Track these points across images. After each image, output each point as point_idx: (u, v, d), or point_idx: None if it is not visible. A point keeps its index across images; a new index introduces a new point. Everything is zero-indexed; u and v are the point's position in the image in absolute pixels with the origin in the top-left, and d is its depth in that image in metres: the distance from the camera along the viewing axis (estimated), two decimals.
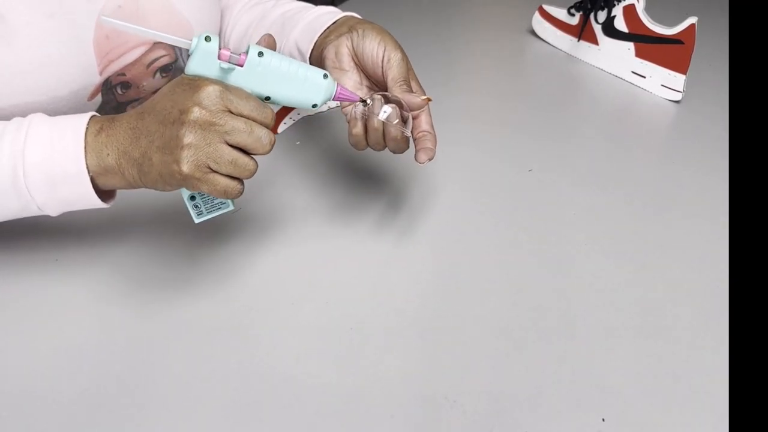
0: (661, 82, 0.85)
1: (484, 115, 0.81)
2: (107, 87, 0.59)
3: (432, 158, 0.52)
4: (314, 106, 0.48)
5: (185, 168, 0.43)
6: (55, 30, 0.52)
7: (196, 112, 0.42)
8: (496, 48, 0.98)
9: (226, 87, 0.44)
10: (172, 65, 0.64)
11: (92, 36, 0.56)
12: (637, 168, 0.71)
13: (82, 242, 0.57)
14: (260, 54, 0.45)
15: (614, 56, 0.89)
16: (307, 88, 0.47)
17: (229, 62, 0.44)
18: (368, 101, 0.50)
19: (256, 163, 0.46)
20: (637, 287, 0.56)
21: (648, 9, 0.84)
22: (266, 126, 0.45)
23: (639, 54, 0.86)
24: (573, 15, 0.93)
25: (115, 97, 0.61)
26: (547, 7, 0.98)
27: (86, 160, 0.45)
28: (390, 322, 0.52)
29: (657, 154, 0.75)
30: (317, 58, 0.57)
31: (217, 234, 0.59)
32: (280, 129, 0.75)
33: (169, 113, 0.43)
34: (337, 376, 0.47)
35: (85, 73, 0.56)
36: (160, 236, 0.58)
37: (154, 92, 0.66)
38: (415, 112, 0.53)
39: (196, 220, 0.49)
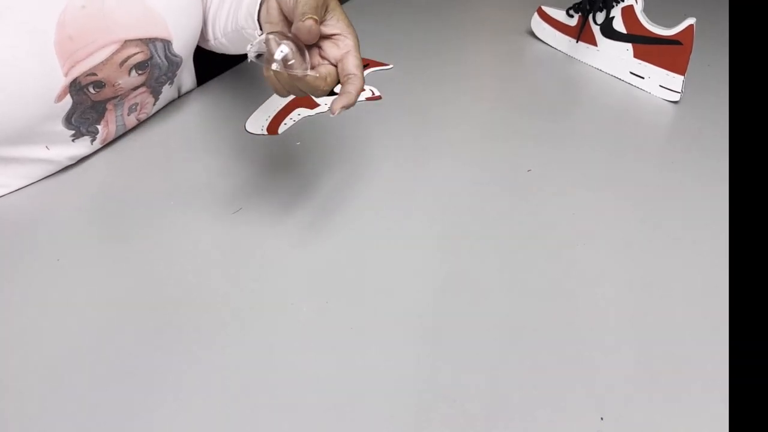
0: (660, 83, 0.85)
1: (483, 116, 0.81)
2: (77, 88, 0.59)
3: (348, 106, 0.48)
4: None
5: None
6: (9, 33, 0.52)
7: None
8: (495, 49, 0.98)
9: None
10: (148, 62, 0.64)
11: (53, 38, 0.55)
12: (635, 168, 0.72)
13: (82, 242, 0.57)
14: None
15: (613, 57, 0.89)
16: None
17: None
18: (252, 47, 0.46)
19: None
20: (637, 287, 0.56)
21: (646, 10, 0.85)
22: None
23: (637, 55, 0.86)
24: (572, 16, 0.94)
25: (88, 97, 0.61)
26: (545, 9, 0.98)
27: None
28: (390, 322, 0.52)
29: (655, 155, 0.75)
30: None
31: (217, 234, 0.59)
32: (280, 130, 0.75)
33: None
34: (336, 376, 0.47)
35: (48, 75, 0.55)
36: (159, 236, 0.59)
37: (134, 89, 0.66)
38: (338, 54, 0.49)
39: None
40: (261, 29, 0.56)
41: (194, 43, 0.70)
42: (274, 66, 0.46)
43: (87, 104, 0.61)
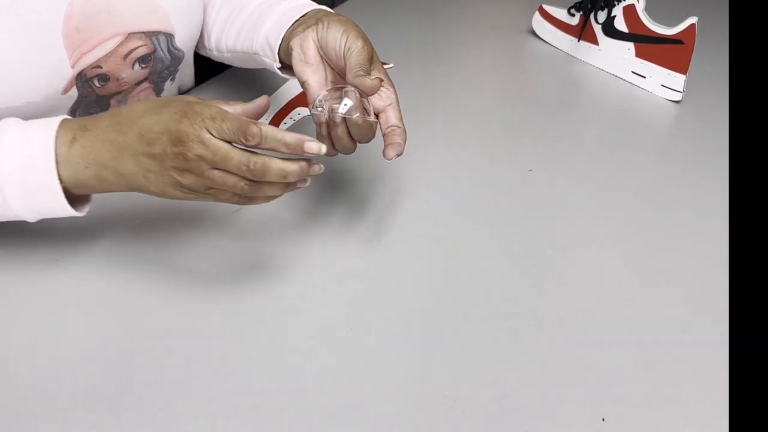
0: (661, 82, 0.85)
1: (484, 115, 0.81)
2: (83, 80, 0.59)
3: (400, 154, 0.52)
4: None
5: (191, 198, 0.46)
6: (20, 25, 0.52)
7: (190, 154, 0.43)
8: (496, 48, 0.98)
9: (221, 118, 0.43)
10: (151, 56, 0.64)
11: (61, 29, 0.55)
12: (636, 168, 0.71)
13: (82, 242, 0.57)
14: None
15: (614, 56, 0.89)
16: None
17: None
18: (318, 103, 0.51)
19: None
20: (637, 287, 0.56)
21: (648, 9, 0.84)
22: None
23: (639, 54, 0.86)
24: (573, 15, 0.93)
25: (93, 90, 0.61)
26: (547, 7, 0.98)
27: (59, 172, 0.45)
28: (390, 322, 0.52)
29: (657, 154, 0.75)
30: (285, 51, 0.58)
31: (217, 234, 0.59)
32: (280, 129, 0.74)
33: (155, 139, 0.43)
34: (336, 376, 0.47)
35: (56, 67, 0.56)
36: (160, 237, 0.58)
37: (137, 84, 0.66)
38: (381, 105, 0.53)
39: None
40: (280, 65, 0.59)
41: (196, 37, 0.70)
42: (340, 114, 0.50)
43: (92, 98, 0.61)
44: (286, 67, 0.59)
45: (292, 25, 0.58)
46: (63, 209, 0.47)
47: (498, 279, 0.56)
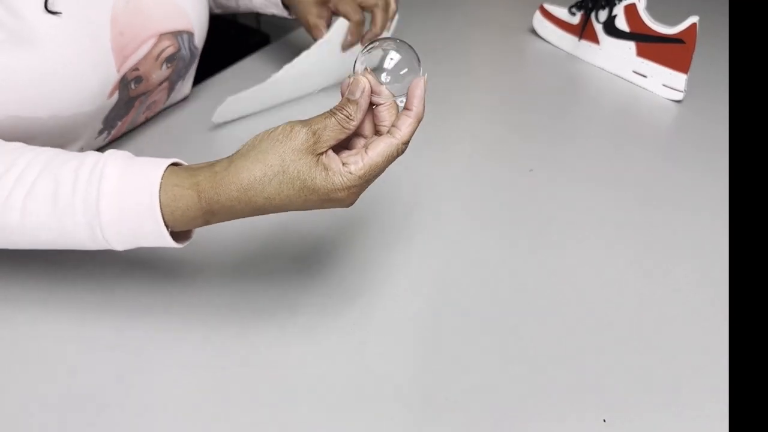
0: (663, 82, 0.85)
1: (485, 115, 0.81)
2: (124, 84, 0.60)
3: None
4: None
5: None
6: (75, 31, 0.52)
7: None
8: (497, 47, 0.98)
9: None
10: (176, 55, 0.65)
11: (109, 34, 0.56)
12: (637, 168, 0.71)
13: None
14: None
15: (615, 55, 0.89)
16: None
17: None
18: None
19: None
20: (638, 287, 0.56)
21: (649, 8, 0.84)
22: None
23: (640, 53, 0.86)
24: (574, 14, 0.93)
25: (128, 93, 0.62)
26: (548, 6, 0.97)
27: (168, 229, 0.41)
28: (390, 322, 0.51)
29: (658, 154, 0.75)
30: None
31: (217, 232, 0.59)
32: None
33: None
34: (337, 376, 0.47)
35: (106, 73, 0.56)
36: None
37: (160, 84, 0.66)
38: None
39: None
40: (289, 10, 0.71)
41: (206, 34, 0.71)
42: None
43: (125, 100, 0.62)
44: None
45: None
46: (168, 245, 0.43)
47: (498, 279, 0.56)
